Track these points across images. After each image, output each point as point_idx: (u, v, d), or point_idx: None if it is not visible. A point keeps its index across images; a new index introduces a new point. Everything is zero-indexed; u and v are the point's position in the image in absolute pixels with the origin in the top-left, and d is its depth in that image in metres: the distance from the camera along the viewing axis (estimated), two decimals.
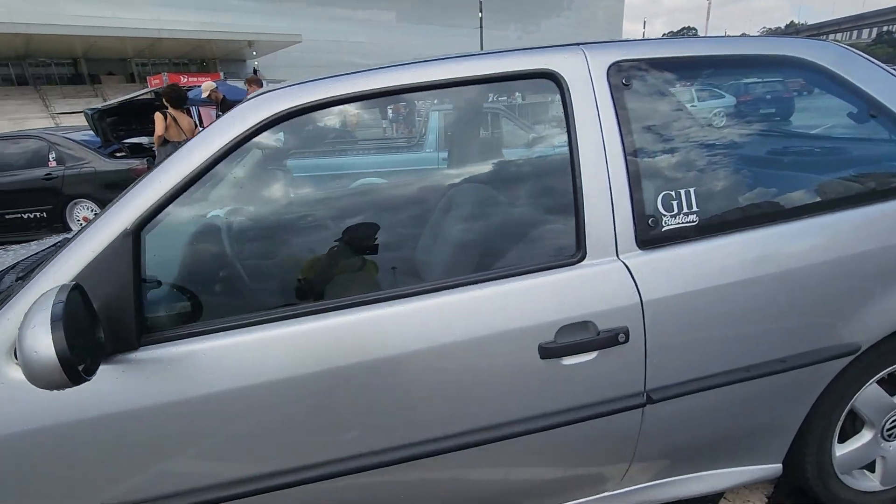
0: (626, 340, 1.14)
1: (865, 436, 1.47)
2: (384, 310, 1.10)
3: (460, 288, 1.13)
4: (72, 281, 0.93)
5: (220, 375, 1.02)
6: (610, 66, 1.23)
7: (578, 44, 1.26)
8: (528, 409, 1.16)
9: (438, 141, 4.79)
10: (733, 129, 1.57)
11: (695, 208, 1.22)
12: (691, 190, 1.23)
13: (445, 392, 1.13)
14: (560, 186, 1.23)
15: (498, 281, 1.15)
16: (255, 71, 21.57)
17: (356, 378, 1.08)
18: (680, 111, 1.39)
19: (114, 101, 6.66)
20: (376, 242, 1.41)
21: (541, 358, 1.12)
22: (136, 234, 1.01)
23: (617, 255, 1.18)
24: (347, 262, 1.40)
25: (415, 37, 34.75)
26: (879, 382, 1.41)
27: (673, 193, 1.21)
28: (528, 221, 1.43)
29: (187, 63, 31.46)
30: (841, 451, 1.46)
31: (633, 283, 1.16)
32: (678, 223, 1.21)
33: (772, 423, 1.38)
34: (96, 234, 1.01)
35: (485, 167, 1.83)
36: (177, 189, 1.04)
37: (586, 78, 1.20)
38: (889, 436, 1.47)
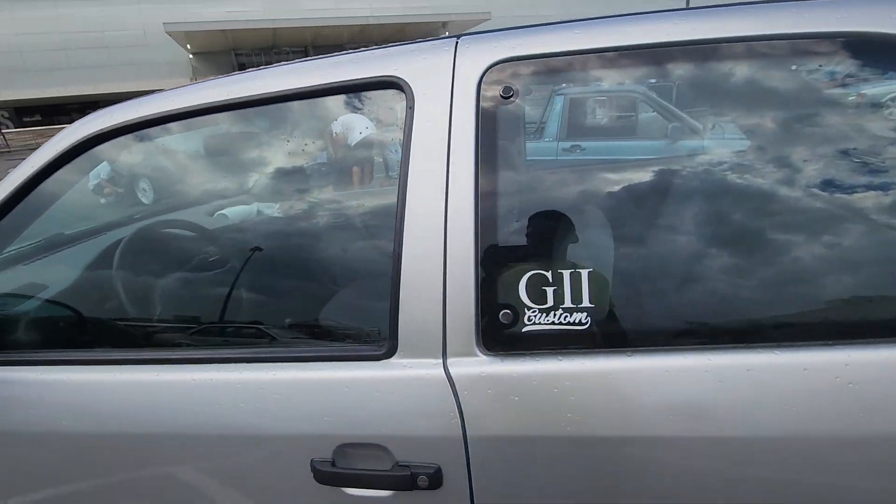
0: (436, 486, 0.77)
1: None
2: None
3: (231, 364, 0.87)
4: None
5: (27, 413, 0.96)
6: (488, 69, 0.79)
7: (457, 36, 0.85)
8: None
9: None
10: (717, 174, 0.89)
11: (587, 303, 0.73)
12: (585, 272, 0.73)
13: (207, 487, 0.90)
14: (382, 245, 0.86)
15: (277, 363, 0.86)
16: None
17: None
18: (595, 130, 0.85)
19: None
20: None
21: (315, 480, 0.82)
22: None
23: (443, 358, 0.79)
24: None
25: (617, 4, 31.89)
26: None
27: (549, 276, 0.74)
28: (339, 283, 1.06)
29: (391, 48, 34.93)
30: None
31: (457, 405, 0.76)
32: (553, 322, 0.74)
33: None
34: None
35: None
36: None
37: (445, 87, 0.81)
38: None
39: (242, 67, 39.02)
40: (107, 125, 0.98)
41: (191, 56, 38.42)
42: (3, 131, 34.99)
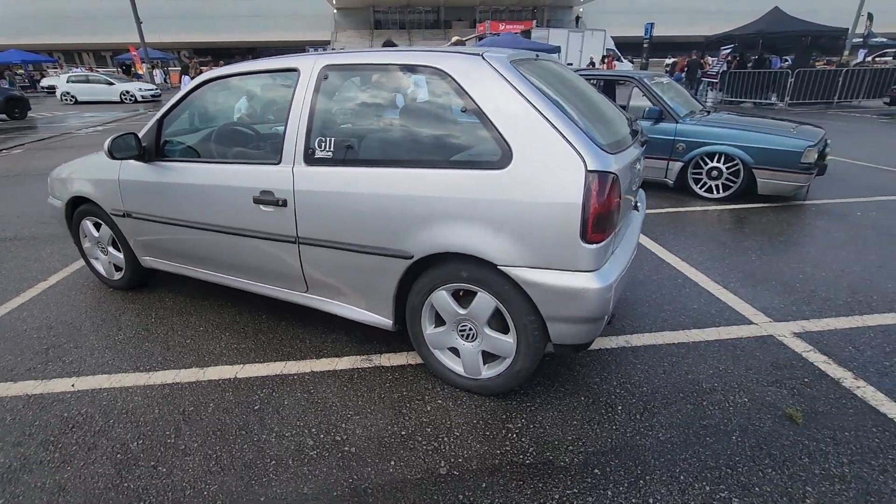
0: (286, 205, 2.18)
1: (443, 328, 2.16)
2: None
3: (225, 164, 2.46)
4: (133, 133, 2.61)
5: (179, 176, 2.54)
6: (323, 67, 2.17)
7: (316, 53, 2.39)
8: (248, 224, 2.34)
9: None
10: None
11: (330, 149, 2.09)
12: (331, 139, 2.08)
13: (211, 206, 2.44)
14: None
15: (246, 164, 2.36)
16: (576, 20, 30.88)
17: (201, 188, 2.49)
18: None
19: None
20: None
21: (253, 202, 2.28)
22: (160, 120, 2.64)
23: (293, 165, 2.17)
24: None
25: None
26: (453, 296, 2.04)
27: (323, 140, 2.10)
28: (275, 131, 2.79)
29: (520, 10, 41.29)
30: (430, 330, 2.18)
31: (292, 179, 2.16)
32: (323, 154, 2.10)
33: (374, 288, 2.18)
34: (152, 119, 2.65)
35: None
36: (172, 105, 2.64)
37: (309, 72, 2.20)
38: (462, 334, 2.10)
39: (378, 24, 48.38)
40: (213, 76, 2.53)
41: (335, 11, 47.66)
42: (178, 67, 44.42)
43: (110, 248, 3.20)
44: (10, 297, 3.27)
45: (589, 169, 1.72)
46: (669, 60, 27.45)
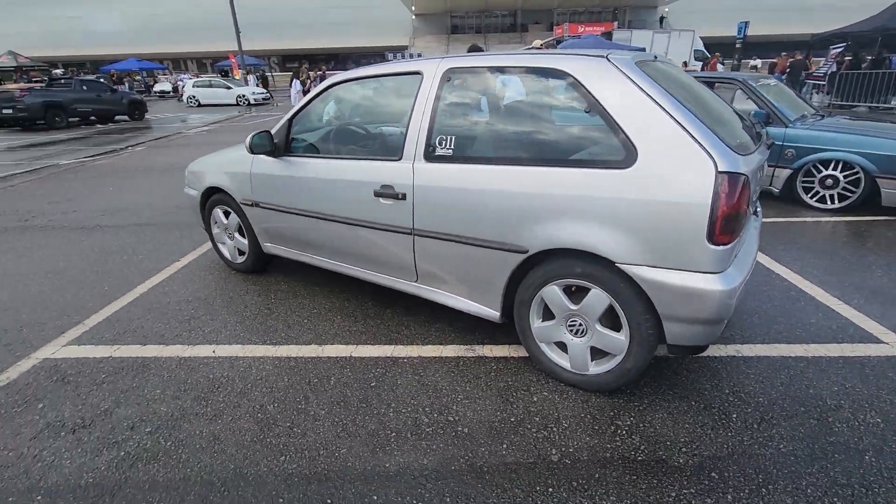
0: (405, 199, 2.32)
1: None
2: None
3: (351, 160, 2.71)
4: (267, 130, 2.91)
5: (304, 170, 2.80)
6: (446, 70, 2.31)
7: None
8: (366, 215, 2.50)
9: None
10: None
11: (450, 147, 2.23)
12: (451, 137, 2.23)
13: (332, 198, 2.68)
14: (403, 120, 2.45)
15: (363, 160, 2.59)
16: (661, 20, 29.69)
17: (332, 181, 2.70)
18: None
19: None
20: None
21: (373, 195, 2.44)
22: (291, 119, 2.91)
23: (413, 161, 2.31)
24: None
25: None
26: (565, 291, 2.08)
27: (444, 138, 2.25)
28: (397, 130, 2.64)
29: (600, 12, 40.38)
30: (537, 324, 2.23)
31: (412, 174, 2.30)
32: (443, 152, 2.23)
33: (484, 280, 2.27)
34: (283, 117, 2.96)
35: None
36: (301, 106, 2.92)
37: (432, 74, 2.34)
38: (572, 330, 2.13)
39: (455, 29, 48.98)
40: (341, 79, 2.80)
41: (413, 17, 48.89)
42: (272, 73, 45.67)
43: (236, 235, 3.56)
44: (152, 274, 3.74)
45: (720, 170, 1.71)
46: (755, 62, 25.66)
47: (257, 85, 31.62)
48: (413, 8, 46.63)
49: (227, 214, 3.56)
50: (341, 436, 1.99)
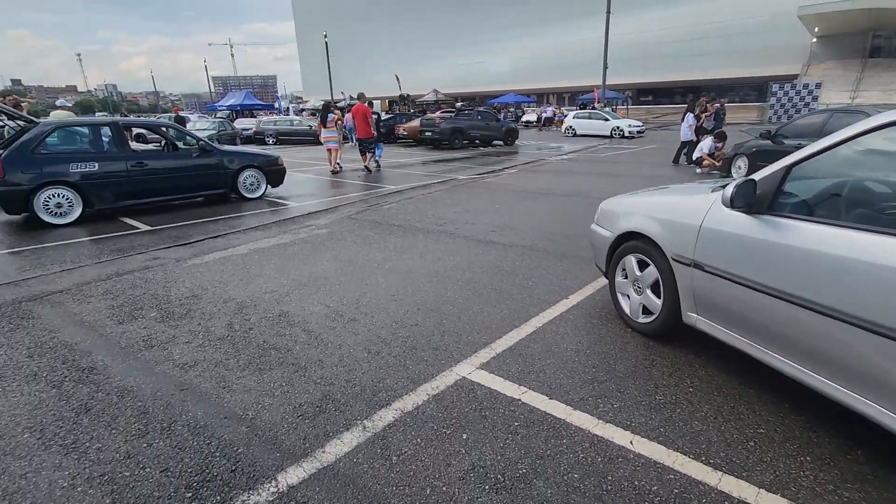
0: None
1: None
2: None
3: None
4: (752, 179, 2.22)
5: (797, 238, 1.99)
6: None
7: None
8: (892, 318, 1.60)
9: None
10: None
11: None
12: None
13: (839, 284, 1.82)
14: None
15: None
16: None
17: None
18: None
19: None
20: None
21: None
22: (789, 167, 2.13)
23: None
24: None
25: None
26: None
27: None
28: None
29: None
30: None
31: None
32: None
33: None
34: (776, 165, 2.20)
35: None
36: (813, 152, 2.08)
37: None
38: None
39: (876, 51, 38.56)
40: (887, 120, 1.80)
41: (814, 40, 41.05)
42: (626, 105, 43.82)
43: (648, 291, 2.98)
44: (545, 307, 3.59)
45: None
46: None
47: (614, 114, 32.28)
48: (816, 30, 39.17)
49: (642, 266, 3.02)
50: None
